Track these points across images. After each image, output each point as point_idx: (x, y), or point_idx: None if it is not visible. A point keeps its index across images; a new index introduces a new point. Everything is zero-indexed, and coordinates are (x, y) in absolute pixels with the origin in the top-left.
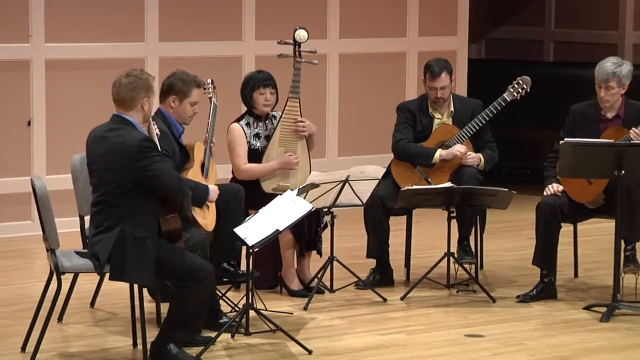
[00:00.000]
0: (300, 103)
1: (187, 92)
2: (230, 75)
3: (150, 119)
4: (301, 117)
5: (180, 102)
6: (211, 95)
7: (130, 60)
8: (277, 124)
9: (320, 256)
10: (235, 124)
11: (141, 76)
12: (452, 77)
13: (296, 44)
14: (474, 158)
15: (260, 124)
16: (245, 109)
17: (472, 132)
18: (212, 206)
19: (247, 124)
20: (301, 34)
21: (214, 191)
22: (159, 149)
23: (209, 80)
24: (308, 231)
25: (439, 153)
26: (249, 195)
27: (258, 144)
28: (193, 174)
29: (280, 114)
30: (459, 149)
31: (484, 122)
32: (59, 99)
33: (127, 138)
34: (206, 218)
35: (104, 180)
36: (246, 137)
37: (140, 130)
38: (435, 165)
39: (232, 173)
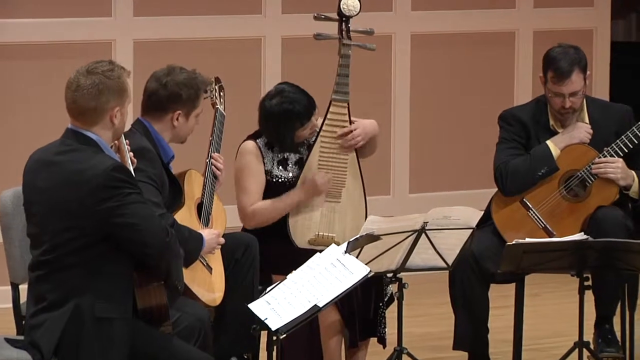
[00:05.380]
0: (350, 109)
1: (195, 101)
2: (245, 67)
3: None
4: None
5: (187, 118)
6: (215, 100)
7: (90, 45)
8: (316, 139)
9: (384, 347)
10: (250, 142)
11: (110, 73)
12: (587, 73)
13: (343, 19)
14: (619, 168)
15: None
16: None
17: (619, 156)
18: (219, 268)
19: (268, 144)
20: (350, 4)
21: (210, 240)
22: (136, 182)
23: (213, 79)
24: (364, 308)
25: (553, 144)
26: (272, 252)
27: (285, 175)
28: (184, 217)
29: (320, 125)
30: (587, 129)
31: (637, 140)
32: None
33: (88, 165)
34: (213, 290)
35: (50, 229)
36: (265, 164)
37: (108, 153)
38: (559, 206)
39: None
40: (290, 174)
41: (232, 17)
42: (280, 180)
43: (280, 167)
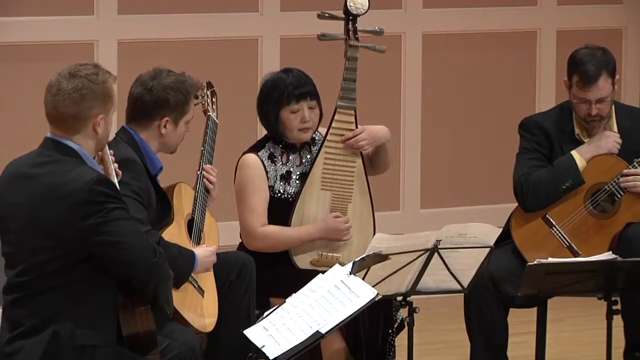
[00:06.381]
0: (357, 117)
1: (184, 107)
2: (239, 70)
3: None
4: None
5: (175, 125)
6: (206, 106)
7: (71, 46)
8: (319, 150)
9: None
10: (251, 156)
11: (95, 77)
12: (616, 77)
13: (350, 18)
14: None
15: (293, 156)
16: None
17: None
18: (212, 290)
19: (271, 157)
20: (358, 2)
21: (202, 258)
22: (121, 196)
23: (204, 84)
24: (371, 335)
25: (579, 155)
26: (270, 273)
27: (288, 190)
28: (173, 235)
29: (325, 134)
30: (615, 138)
31: None
32: None
33: (69, 178)
34: (205, 314)
35: (27, 248)
36: (268, 179)
37: (91, 165)
38: (585, 222)
39: (241, 237)
40: (293, 189)
41: (225, 15)
42: (283, 196)
43: (284, 182)
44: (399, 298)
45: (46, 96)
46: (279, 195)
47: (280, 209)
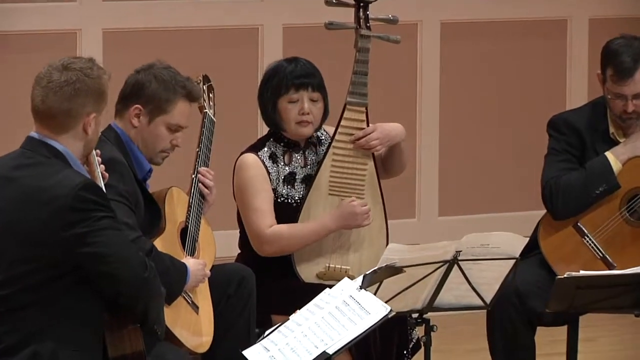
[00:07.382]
0: (368, 114)
1: (165, 103)
2: (239, 62)
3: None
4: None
5: (149, 120)
6: (202, 103)
7: (51, 35)
8: (326, 151)
9: None
10: (250, 155)
11: (89, 72)
12: None
13: (361, 4)
14: None
15: (297, 156)
16: (268, 129)
17: None
18: (207, 306)
19: (272, 157)
20: None
21: (195, 271)
22: (109, 204)
23: (200, 77)
24: (384, 356)
25: (613, 156)
26: (272, 288)
27: (292, 195)
28: (164, 245)
29: (333, 133)
30: None
31: None
32: None
33: (53, 182)
34: (199, 333)
35: (5, 258)
36: (271, 180)
37: (77, 169)
38: (620, 231)
39: (240, 247)
40: (298, 194)
41: (222, 1)
42: (286, 200)
43: (287, 185)
44: (415, 315)
45: (34, 88)
46: (282, 200)
47: (284, 216)
